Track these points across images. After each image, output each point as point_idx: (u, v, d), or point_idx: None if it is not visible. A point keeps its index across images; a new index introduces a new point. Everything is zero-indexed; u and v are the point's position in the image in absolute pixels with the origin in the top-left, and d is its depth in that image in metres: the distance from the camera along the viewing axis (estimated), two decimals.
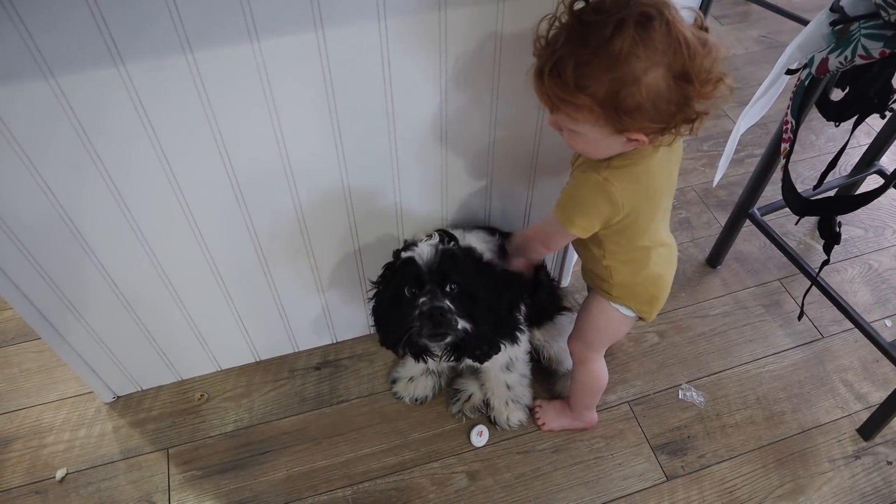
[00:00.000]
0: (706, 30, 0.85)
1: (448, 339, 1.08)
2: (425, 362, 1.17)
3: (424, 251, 1.08)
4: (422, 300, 1.05)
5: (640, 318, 1.17)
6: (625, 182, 0.94)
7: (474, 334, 1.08)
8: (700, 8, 0.96)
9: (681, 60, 0.80)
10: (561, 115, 0.91)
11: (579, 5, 0.84)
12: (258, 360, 1.57)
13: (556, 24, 0.86)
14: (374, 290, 1.19)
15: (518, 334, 1.21)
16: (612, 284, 1.12)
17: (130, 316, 1.31)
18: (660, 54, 0.80)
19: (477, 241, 1.22)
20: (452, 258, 1.08)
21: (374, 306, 1.19)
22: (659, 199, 1.02)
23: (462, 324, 1.06)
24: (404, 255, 1.11)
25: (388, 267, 1.18)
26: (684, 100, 0.84)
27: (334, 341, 1.60)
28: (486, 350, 1.13)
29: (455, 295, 1.07)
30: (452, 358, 1.14)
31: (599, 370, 1.31)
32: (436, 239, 1.11)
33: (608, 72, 0.80)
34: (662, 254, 1.11)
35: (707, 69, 0.82)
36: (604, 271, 1.11)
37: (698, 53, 0.81)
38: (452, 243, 1.14)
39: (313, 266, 1.35)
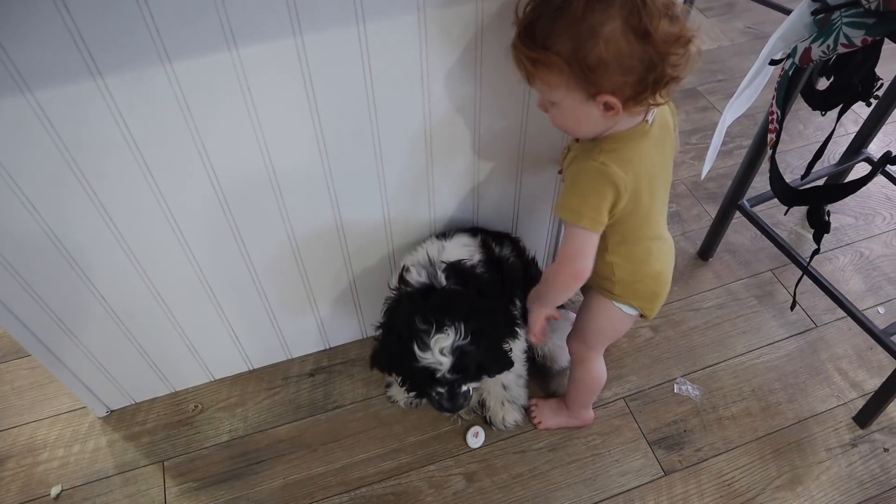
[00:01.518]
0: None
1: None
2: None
3: (444, 363, 1.05)
4: (440, 391, 1.14)
5: (642, 316, 1.16)
6: (621, 164, 0.95)
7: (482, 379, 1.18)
8: (686, 0, 0.96)
9: (637, 15, 0.83)
10: (538, 84, 0.94)
11: None
12: (251, 368, 1.56)
13: (531, 2, 0.90)
14: (380, 334, 1.18)
15: (516, 329, 1.21)
16: (614, 283, 1.11)
17: (121, 329, 1.30)
18: (615, 8, 0.83)
19: (458, 247, 1.22)
20: (465, 353, 1.06)
21: (380, 353, 1.18)
22: (655, 186, 1.02)
23: (472, 388, 1.17)
24: (421, 358, 1.06)
25: (390, 312, 1.16)
26: (650, 59, 0.85)
27: (327, 347, 1.59)
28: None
29: (468, 372, 1.11)
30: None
31: (598, 369, 1.30)
32: (450, 336, 1.04)
33: (569, 28, 0.85)
34: (662, 248, 1.11)
35: (672, 31, 0.85)
36: (606, 268, 1.09)
37: (657, 11, 0.83)
38: (464, 334, 1.06)
39: (303, 272, 1.34)
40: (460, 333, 1.04)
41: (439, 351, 1.05)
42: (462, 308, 1.07)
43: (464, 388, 1.14)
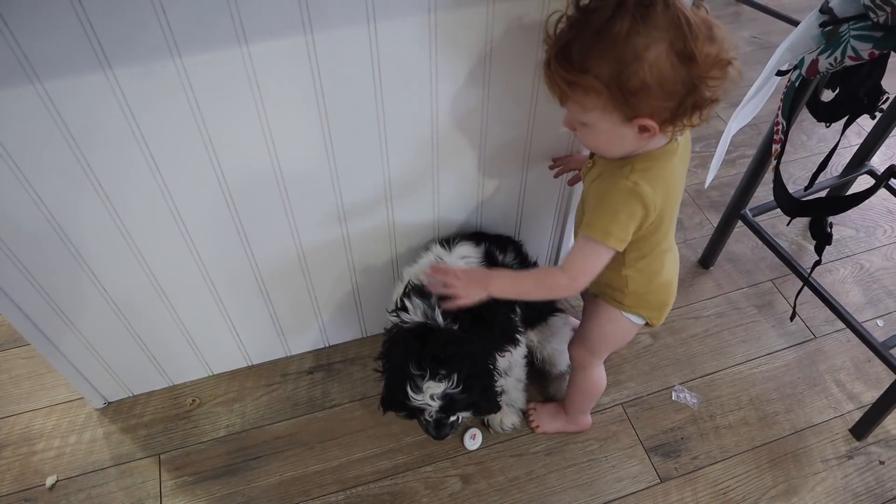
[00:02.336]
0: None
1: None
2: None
3: (433, 405, 1.09)
4: (428, 420, 1.16)
5: (647, 325, 1.16)
6: (652, 183, 0.93)
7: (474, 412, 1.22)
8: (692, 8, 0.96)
9: (682, 38, 0.80)
10: (571, 105, 0.91)
11: (584, 1, 0.85)
12: (250, 364, 1.56)
13: (564, 19, 0.87)
14: (384, 377, 1.19)
15: (518, 336, 1.21)
16: (625, 294, 1.10)
17: (121, 321, 1.30)
18: (661, 31, 0.80)
19: (462, 255, 1.22)
20: (456, 400, 1.10)
21: (387, 397, 1.19)
22: (677, 202, 1.01)
23: (461, 418, 1.20)
24: (413, 399, 1.08)
25: (388, 349, 1.17)
26: (691, 82, 0.83)
27: (327, 345, 1.59)
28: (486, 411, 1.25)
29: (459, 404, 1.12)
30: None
31: (599, 376, 1.30)
32: (441, 385, 1.06)
33: (610, 50, 0.81)
34: (672, 259, 1.10)
35: (713, 53, 0.82)
36: (620, 280, 1.08)
37: (701, 34, 0.81)
38: (456, 382, 1.08)
39: (305, 270, 1.34)
40: (452, 382, 1.07)
41: (430, 396, 1.08)
42: (455, 356, 1.08)
43: (451, 418, 1.17)
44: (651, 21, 0.80)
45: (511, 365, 1.30)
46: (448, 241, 1.26)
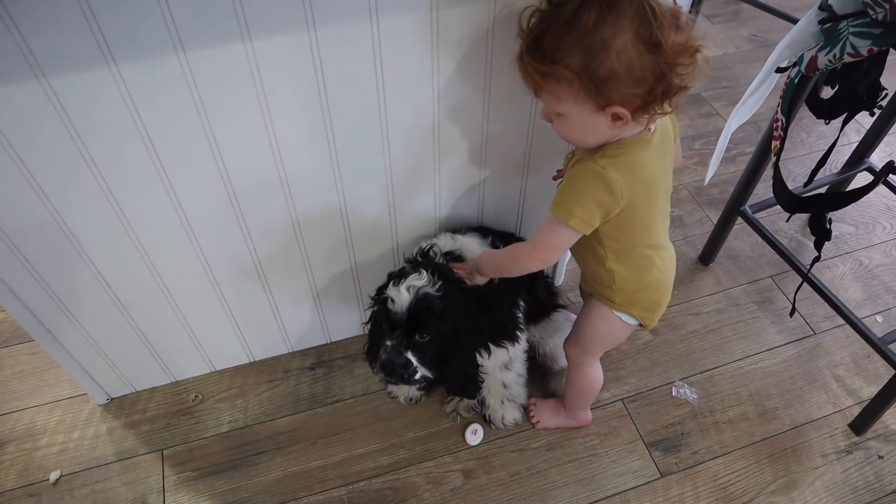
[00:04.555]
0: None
1: (404, 384, 1.12)
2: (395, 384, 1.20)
3: (401, 297, 1.05)
4: (386, 344, 1.08)
5: (641, 326, 1.17)
6: (621, 170, 0.95)
7: (440, 379, 1.12)
8: (691, 6, 0.97)
9: (648, 26, 0.83)
10: (545, 97, 0.94)
11: None
12: (252, 360, 1.57)
13: (535, 13, 0.90)
14: (371, 310, 1.20)
15: (518, 333, 1.22)
16: (615, 291, 1.11)
17: (124, 317, 1.31)
18: (627, 20, 0.83)
19: (472, 244, 1.22)
20: (428, 307, 1.05)
21: (369, 329, 1.20)
22: (656, 194, 1.02)
23: (422, 372, 1.09)
24: (386, 292, 1.08)
25: (379, 290, 1.16)
26: (659, 69, 0.85)
27: (328, 341, 1.60)
28: (458, 390, 1.18)
29: (425, 343, 1.08)
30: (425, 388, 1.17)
31: (595, 373, 1.31)
32: (423, 279, 1.06)
33: (579, 40, 0.84)
34: (663, 258, 1.11)
35: (679, 41, 0.85)
36: (607, 276, 1.09)
37: (666, 21, 0.84)
38: (441, 283, 1.07)
39: (307, 267, 1.35)
40: (434, 284, 1.05)
41: (406, 288, 1.05)
42: (446, 305, 1.06)
43: (412, 362, 1.07)
44: (617, 11, 0.83)
45: (511, 359, 1.31)
46: (457, 231, 1.29)
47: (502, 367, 1.32)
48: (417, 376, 1.09)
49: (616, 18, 0.83)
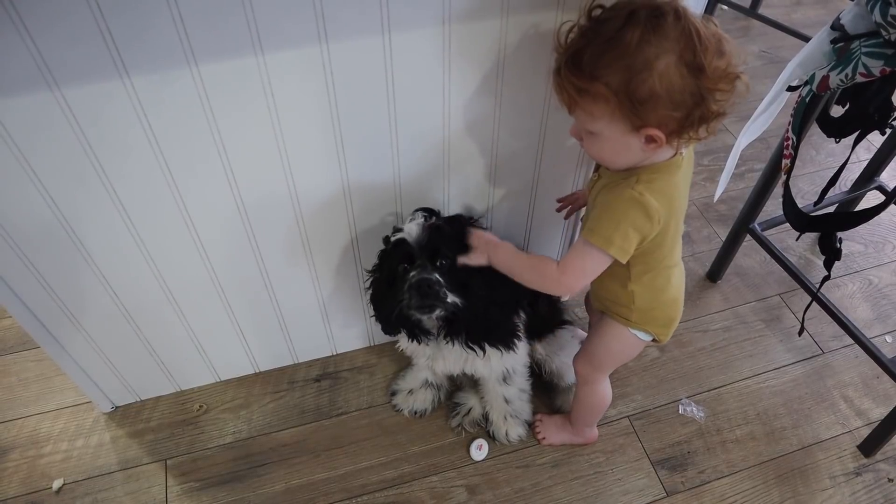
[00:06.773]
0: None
1: (437, 313, 1.09)
2: (419, 341, 1.17)
3: (413, 230, 1.10)
4: (412, 273, 1.08)
5: (654, 341, 1.16)
6: (657, 196, 0.93)
7: (466, 309, 1.09)
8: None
9: (692, 50, 0.82)
10: (579, 113, 0.92)
11: (596, 12, 0.87)
12: (258, 371, 1.56)
13: (575, 28, 0.89)
14: (371, 278, 1.21)
15: (515, 340, 1.20)
16: (632, 310, 1.10)
17: (130, 326, 1.31)
18: (671, 42, 0.81)
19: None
20: (439, 232, 1.10)
21: (371, 292, 1.21)
22: (681, 217, 1.02)
23: (452, 297, 1.07)
24: (394, 237, 1.13)
25: (381, 254, 1.19)
26: (699, 93, 0.84)
27: (334, 353, 1.59)
28: (483, 328, 1.14)
29: (446, 269, 1.09)
30: (447, 336, 1.14)
31: (604, 391, 1.30)
32: (420, 218, 1.12)
33: (621, 59, 0.83)
34: (678, 275, 1.10)
35: (721, 66, 0.84)
36: (626, 296, 1.08)
37: (711, 46, 0.83)
38: (434, 218, 1.14)
39: (314, 279, 1.35)
40: (441, 221, 1.11)
41: (417, 224, 1.10)
42: (455, 233, 1.11)
43: (442, 281, 1.06)
44: (662, 32, 0.81)
45: (510, 372, 1.30)
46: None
47: (500, 381, 1.31)
48: (449, 299, 1.07)
49: (660, 39, 0.81)
